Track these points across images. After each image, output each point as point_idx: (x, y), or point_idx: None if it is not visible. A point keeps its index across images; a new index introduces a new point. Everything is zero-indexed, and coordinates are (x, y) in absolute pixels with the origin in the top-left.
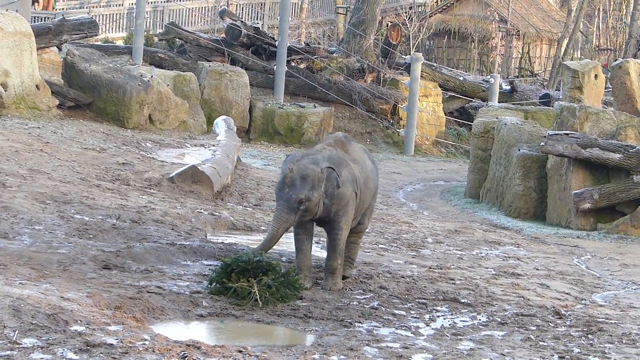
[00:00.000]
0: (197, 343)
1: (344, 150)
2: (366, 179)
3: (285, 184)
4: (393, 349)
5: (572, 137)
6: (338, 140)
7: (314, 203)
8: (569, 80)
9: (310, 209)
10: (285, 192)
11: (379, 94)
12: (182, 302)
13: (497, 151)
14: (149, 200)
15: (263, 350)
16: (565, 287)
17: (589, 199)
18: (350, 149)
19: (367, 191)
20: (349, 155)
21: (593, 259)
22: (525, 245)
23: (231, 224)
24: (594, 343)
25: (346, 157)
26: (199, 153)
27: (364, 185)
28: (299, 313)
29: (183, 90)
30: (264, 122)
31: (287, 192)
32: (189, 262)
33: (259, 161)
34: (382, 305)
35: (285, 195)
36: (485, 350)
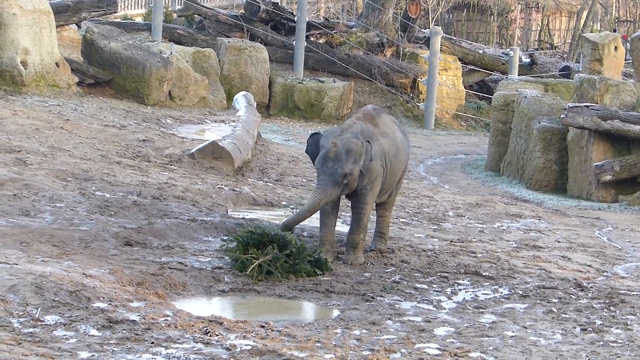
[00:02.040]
0: (219, 318)
1: (373, 124)
2: (396, 151)
3: (329, 158)
4: (415, 322)
5: (593, 109)
6: (367, 114)
7: (354, 177)
8: (588, 53)
9: (351, 183)
10: (330, 166)
11: (398, 68)
12: (204, 277)
13: (518, 124)
14: (169, 177)
15: (285, 325)
16: (587, 259)
17: (609, 170)
18: (380, 122)
19: (398, 164)
20: (378, 129)
21: (614, 230)
22: (547, 217)
23: (252, 200)
24: (616, 315)
25: (375, 131)
26: (219, 129)
27: (394, 158)
28: (320, 288)
29: (202, 67)
30: (284, 98)
31: (332, 166)
32: (210, 237)
33: (279, 136)
34: (404, 279)
35: (329, 169)
36: (507, 323)
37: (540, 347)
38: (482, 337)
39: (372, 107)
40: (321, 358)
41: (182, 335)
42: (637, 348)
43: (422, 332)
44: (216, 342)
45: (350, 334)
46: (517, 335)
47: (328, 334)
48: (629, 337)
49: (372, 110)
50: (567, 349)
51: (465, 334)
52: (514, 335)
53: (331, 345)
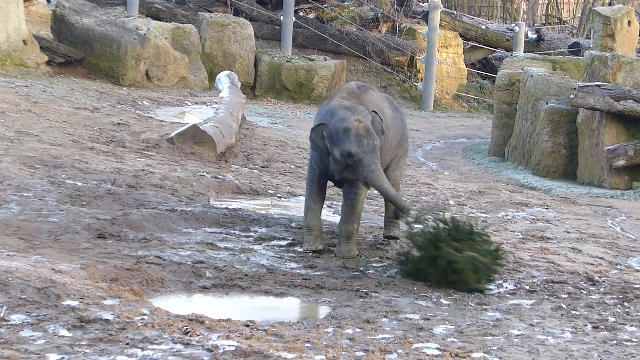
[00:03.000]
0: (200, 317)
1: (359, 101)
2: (385, 129)
3: (362, 135)
4: (413, 320)
5: (604, 88)
6: (351, 92)
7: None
8: (600, 28)
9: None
10: (367, 144)
11: (394, 45)
12: (184, 273)
13: (523, 105)
14: (146, 163)
15: (272, 324)
16: (599, 251)
17: (623, 155)
18: (365, 99)
19: (387, 143)
20: (365, 106)
21: (628, 220)
22: (555, 206)
23: (236, 188)
24: (630, 311)
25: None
26: (201, 111)
27: (383, 136)
28: (310, 283)
29: (182, 44)
30: (271, 77)
31: (370, 142)
32: (190, 229)
33: (265, 119)
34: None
35: (369, 147)
36: (513, 320)
37: (549, 346)
38: (485, 336)
39: (355, 84)
40: (311, 359)
41: (159, 336)
42: None
43: (421, 331)
44: (197, 343)
45: (343, 333)
46: (523, 334)
47: (318, 334)
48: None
49: (355, 87)
50: (577, 348)
51: (467, 332)
52: (520, 333)
53: (322, 346)
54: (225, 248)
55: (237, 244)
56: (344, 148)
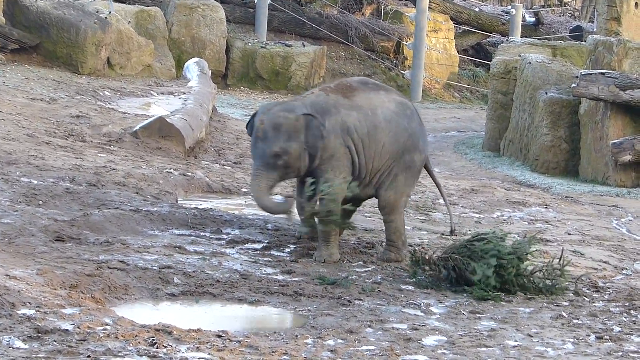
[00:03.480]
0: (167, 327)
1: (345, 95)
2: (372, 129)
3: (258, 138)
4: (400, 330)
5: (609, 77)
6: (342, 84)
7: (293, 156)
8: (604, 10)
9: (291, 163)
10: (259, 147)
11: (379, 30)
12: (150, 279)
13: (521, 95)
14: (108, 159)
15: (246, 335)
16: (603, 255)
17: (629, 149)
18: (357, 95)
19: (375, 146)
20: (350, 101)
21: (635, 220)
22: (555, 205)
23: (206, 186)
24: (637, 320)
25: (343, 102)
26: (167, 102)
27: (368, 138)
28: (288, 290)
29: (147, 29)
30: (244, 65)
31: (261, 147)
32: (157, 231)
33: (238, 111)
34: (387, 279)
35: (259, 151)
36: (509, 330)
37: (548, 358)
38: (479, 347)
39: (358, 80)
40: None
41: (124, 347)
42: None
43: (409, 342)
44: (164, 355)
45: (324, 345)
46: (520, 345)
47: (297, 345)
48: None
49: (355, 82)
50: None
51: (459, 343)
52: (517, 344)
53: (301, 358)
54: (195, 252)
55: (207, 248)
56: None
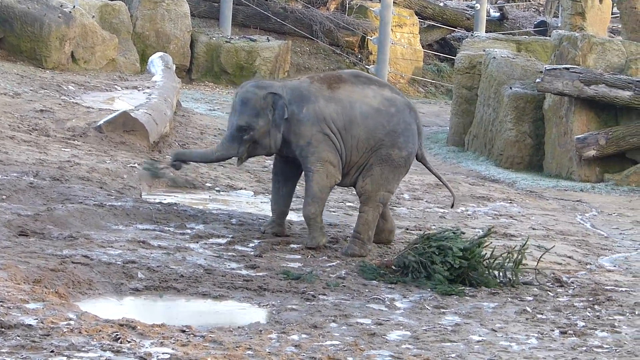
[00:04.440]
0: (131, 322)
1: (329, 87)
2: (348, 123)
3: (232, 110)
4: (364, 325)
5: (574, 72)
6: (330, 76)
7: (259, 132)
8: (568, 5)
9: (257, 139)
10: (230, 120)
11: (344, 24)
12: (114, 273)
13: (485, 90)
14: (72, 154)
15: (210, 330)
16: (567, 250)
17: (594, 144)
18: (342, 88)
19: (351, 140)
20: (332, 93)
21: (599, 215)
22: (519, 200)
23: (171, 181)
24: (601, 315)
25: (323, 93)
26: (132, 97)
27: (344, 131)
28: (252, 285)
29: (111, 23)
30: (208, 60)
31: (230, 119)
32: (121, 226)
33: (202, 105)
34: (351, 274)
35: (229, 122)
36: (473, 325)
37: (512, 353)
38: (444, 342)
39: (351, 73)
40: None
41: (87, 342)
42: (625, 354)
43: (373, 337)
44: (128, 350)
45: (288, 340)
46: (484, 340)
47: (261, 340)
48: (616, 341)
49: (347, 74)
50: (543, 355)
51: (423, 338)
52: (481, 339)
53: (264, 353)
54: (159, 247)
55: (171, 242)
56: None
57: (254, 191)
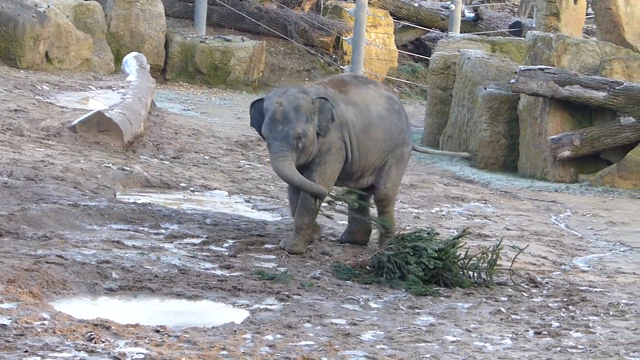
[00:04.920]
0: (106, 322)
1: (340, 91)
2: (367, 125)
3: (277, 120)
4: (339, 325)
5: (548, 72)
6: (336, 80)
7: (310, 139)
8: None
9: (307, 146)
10: (279, 130)
11: (318, 25)
12: (88, 273)
13: (460, 90)
14: (46, 154)
15: (185, 330)
16: (542, 250)
17: (568, 145)
18: (351, 90)
19: (369, 142)
20: (345, 96)
21: (574, 216)
22: (494, 201)
23: (145, 181)
24: (575, 315)
25: (339, 97)
26: (106, 97)
27: (362, 133)
28: (226, 285)
29: (86, 23)
30: (183, 60)
31: (282, 130)
32: (95, 226)
33: (177, 105)
34: (326, 275)
35: (280, 134)
36: (448, 325)
37: (487, 353)
38: (418, 342)
39: (349, 75)
40: None
41: (61, 342)
42: (600, 355)
43: (347, 337)
44: (102, 350)
45: (262, 340)
46: (459, 340)
47: (235, 340)
48: (590, 342)
49: (347, 77)
50: (518, 356)
51: (397, 339)
52: (456, 340)
53: (239, 353)
54: (133, 247)
55: (146, 242)
56: (262, 129)
57: (229, 191)
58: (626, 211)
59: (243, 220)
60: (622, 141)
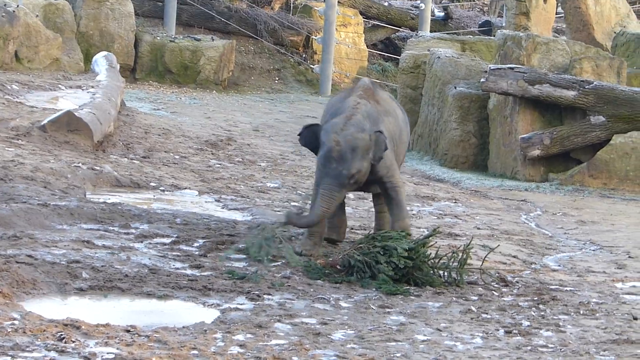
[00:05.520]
0: (76, 322)
1: (375, 101)
2: (400, 131)
3: (332, 158)
4: (309, 325)
5: (518, 71)
6: (368, 89)
7: (363, 173)
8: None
9: (360, 180)
10: (333, 168)
11: (288, 24)
12: (58, 273)
13: (430, 90)
14: (16, 153)
15: (155, 329)
16: (512, 249)
17: (538, 144)
18: (380, 99)
19: (402, 145)
20: (381, 107)
21: (544, 215)
22: (464, 200)
23: (115, 180)
24: (546, 314)
25: (379, 109)
26: (76, 96)
27: (399, 139)
28: (197, 284)
29: (55, 22)
30: (153, 59)
31: (336, 168)
32: (65, 226)
33: (147, 105)
34: (296, 274)
35: (333, 171)
36: (419, 325)
37: (457, 352)
38: (389, 341)
39: (369, 81)
40: None
41: (32, 342)
42: (570, 354)
43: (318, 336)
44: (72, 350)
45: (233, 340)
46: (429, 340)
47: (206, 340)
48: (561, 341)
49: (370, 84)
50: (488, 355)
51: (368, 338)
52: (426, 339)
53: (209, 353)
54: (104, 246)
55: (116, 242)
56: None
57: (199, 191)
58: (596, 210)
59: (213, 220)
60: (592, 140)
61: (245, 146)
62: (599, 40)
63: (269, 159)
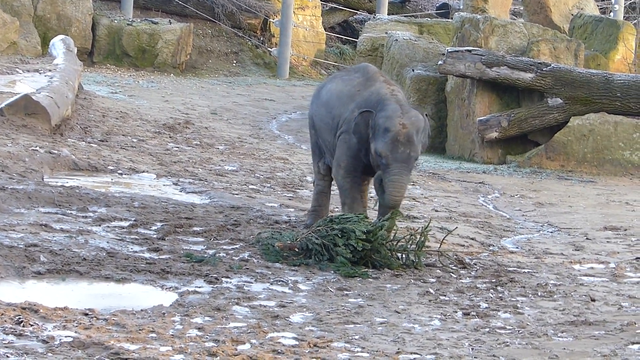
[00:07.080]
0: (34, 305)
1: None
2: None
3: (400, 142)
4: (268, 307)
5: (476, 54)
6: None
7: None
8: None
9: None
10: (402, 152)
11: (246, 7)
12: (16, 257)
13: (387, 72)
14: None
15: (113, 313)
16: (470, 231)
17: (496, 126)
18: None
19: None
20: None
21: (502, 197)
22: (422, 182)
23: (73, 164)
24: (504, 296)
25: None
26: (33, 80)
27: None
28: (155, 268)
29: (12, 6)
30: (110, 42)
31: (405, 151)
32: (22, 209)
33: (104, 88)
34: (254, 257)
35: (401, 155)
36: (377, 307)
37: (415, 335)
38: (347, 324)
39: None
40: (156, 351)
41: None
42: (528, 335)
43: (276, 319)
44: (31, 334)
45: (191, 323)
46: (387, 322)
47: (164, 323)
48: (519, 323)
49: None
50: (446, 336)
51: (326, 320)
52: (384, 321)
53: (168, 336)
54: (61, 230)
55: (74, 226)
56: (377, 146)
57: (157, 174)
58: (554, 192)
59: (171, 203)
60: (550, 122)
61: (203, 129)
62: (557, 22)
63: (226, 142)
